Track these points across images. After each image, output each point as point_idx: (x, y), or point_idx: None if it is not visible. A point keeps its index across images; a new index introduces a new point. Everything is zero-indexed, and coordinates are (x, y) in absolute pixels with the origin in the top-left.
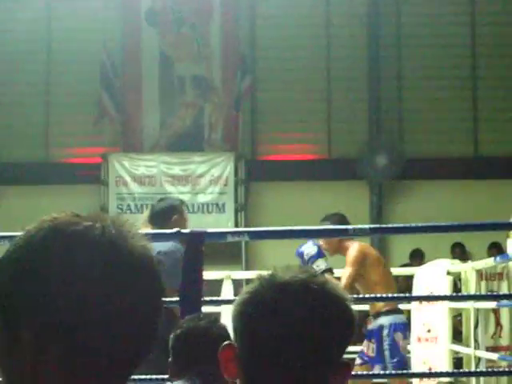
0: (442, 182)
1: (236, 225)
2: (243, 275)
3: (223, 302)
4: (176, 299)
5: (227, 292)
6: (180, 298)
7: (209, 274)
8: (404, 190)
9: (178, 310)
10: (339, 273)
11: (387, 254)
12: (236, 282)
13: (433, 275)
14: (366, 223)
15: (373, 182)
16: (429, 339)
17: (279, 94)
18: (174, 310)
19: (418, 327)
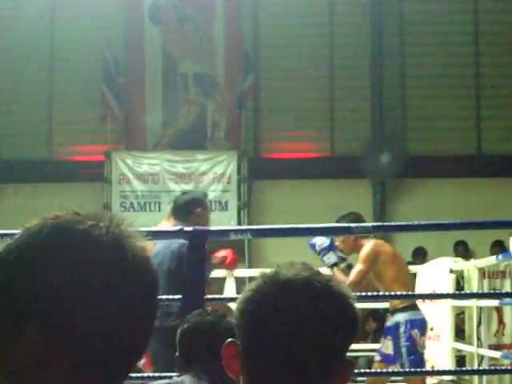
0: (445, 180)
1: (239, 223)
2: (246, 273)
3: (226, 300)
4: (179, 297)
5: (230, 290)
6: (183, 296)
7: (212, 271)
8: (407, 188)
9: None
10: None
11: None
12: (239, 279)
13: (435, 273)
14: (369, 221)
15: (376, 180)
16: (431, 337)
17: (282, 92)
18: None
19: None
